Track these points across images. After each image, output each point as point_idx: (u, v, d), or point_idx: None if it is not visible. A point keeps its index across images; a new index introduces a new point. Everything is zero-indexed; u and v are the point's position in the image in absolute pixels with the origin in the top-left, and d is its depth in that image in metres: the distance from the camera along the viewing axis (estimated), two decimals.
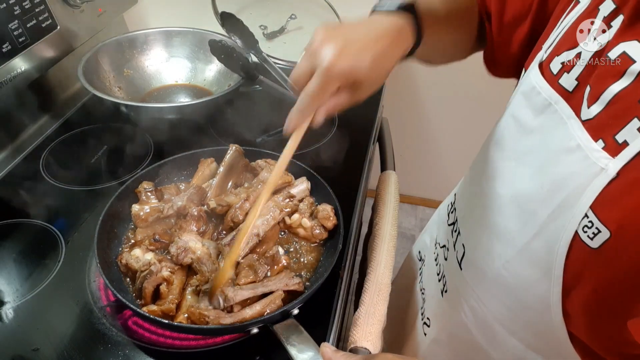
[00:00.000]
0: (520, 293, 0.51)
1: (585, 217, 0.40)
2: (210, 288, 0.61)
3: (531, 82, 0.50)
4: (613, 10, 0.42)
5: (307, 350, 0.54)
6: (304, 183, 0.77)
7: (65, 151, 0.93)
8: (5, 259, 0.72)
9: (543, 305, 0.48)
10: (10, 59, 0.84)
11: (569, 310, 0.46)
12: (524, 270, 0.50)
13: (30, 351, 0.60)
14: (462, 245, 0.63)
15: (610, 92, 0.39)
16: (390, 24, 0.52)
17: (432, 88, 1.88)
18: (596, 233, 0.39)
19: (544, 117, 0.48)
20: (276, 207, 0.72)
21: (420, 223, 2.24)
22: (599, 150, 0.40)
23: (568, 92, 0.45)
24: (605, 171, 0.39)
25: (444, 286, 0.69)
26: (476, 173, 0.65)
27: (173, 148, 0.84)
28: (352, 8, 1.37)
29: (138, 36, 1.10)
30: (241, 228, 0.62)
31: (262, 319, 0.58)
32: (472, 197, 0.64)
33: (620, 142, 0.38)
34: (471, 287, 0.60)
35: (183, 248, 0.64)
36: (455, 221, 0.68)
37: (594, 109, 0.41)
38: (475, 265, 0.60)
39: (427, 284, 0.77)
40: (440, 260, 0.72)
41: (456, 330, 0.65)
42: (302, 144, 0.65)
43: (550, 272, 0.45)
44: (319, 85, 0.48)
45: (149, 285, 0.61)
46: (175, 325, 0.58)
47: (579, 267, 0.43)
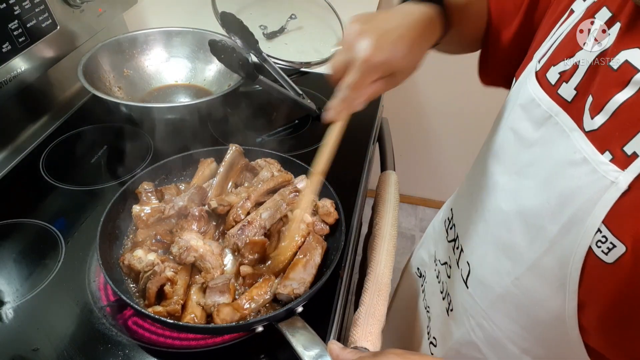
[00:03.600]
0: (533, 309, 0.50)
1: (598, 231, 0.39)
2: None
3: (530, 94, 0.49)
4: (610, 18, 0.42)
5: (314, 348, 0.54)
6: (304, 181, 0.77)
7: (65, 151, 0.93)
8: (5, 259, 0.72)
9: (558, 321, 0.47)
10: (10, 59, 0.84)
11: (584, 324, 0.45)
12: (536, 287, 0.48)
13: (30, 351, 0.60)
14: (467, 263, 0.61)
15: (615, 102, 0.38)
16: (421, 14, 0.53)
17: (432, 88, 1.88)
18: (611, 248, 0.38)
19: (545, 129, 0.47)
20: (282, 200, 0.72)
21: (420, 223, 2.24)
22: (606, 163, 0.39)
23: (567, 102, 0.44)
24: (615, 185, 0.38)
25: (449, 304, 0.67)
26: (474, 187, 0.63)
27: (173, 148, 0.84)
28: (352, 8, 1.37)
29: (138, 36, 1.10)
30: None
31: (267, 316, 0.58)
32: (472, 213, 0.62)
33: (629, 153, 0.37)
34: (479, 306, 0.58)
35: (185, 247, 0.64)
36: (456, 238, 0.66)
37: (598, 120, 0.40)
38: (483, 283, 0.58)
39: (431, 301, 0.75)
40: (442, 278, 0.70)
41: (465, 350, 0.63)
42: (302, 144, 0.66)
43: (564, 287, 0.44)
44: (359, 77, 0.50)
45: (153, 285, 0.61)
46: (182, 325, 0.58)
47: (594, 282, 0.41)
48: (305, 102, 1.02)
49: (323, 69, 1.22)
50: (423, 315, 0.79)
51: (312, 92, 1.09)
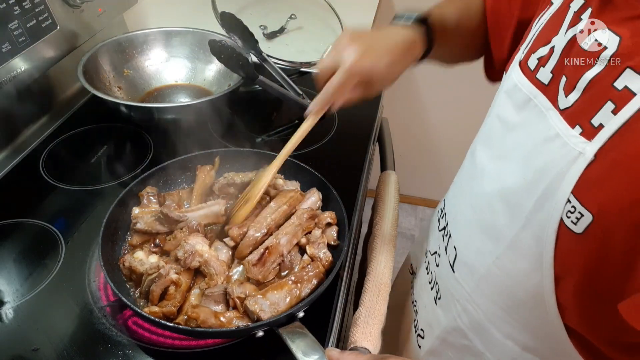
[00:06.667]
0: (513, 289, 0.52)
1: (567, 202, 0.41)
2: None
3: (513, 80, 0.52)
4: (582, 5, 0.44)
5: (313, 354, 0.54)
6: (315, 195, 0.76)
7: (65, 151, 0.93)
8: (5, 259, 0.72)
9: (536, 300, 0.48)
10: (10, 59, 0.84)
11: (561, 301, 0.46)
12: (515, 265, 0.50)
13: (30, 351, 0.60)
14: (454, 248, 0.63)
15: (585, 79, 0.41)
16: (405, 37, 0.61)
17: (432, 88, 1.88)
18: (579, 217, 0.40)
19: (526, 112, 0.49)
20: (300, 227, 0.70)
21: (420, 223, 2.24)
22: (576, 135, 0.41)
23: (544, 85, 0.47)
24: (582, 155, 0.40)
25: (437, 293, 0.68)
26: (464, 176, 0.66)
27: (173, 148, 0.84)
28: (352, 8, 1.37)
29: (138, 36, 1.10)
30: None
31: (267, 322, 0.58)
32: (460, 198, 0.65)
33: (596, 125, 0.39)
34: (464, 289, 0.60)
35: (190, 252, 0.64)
36: (445, 225, 0.68)
37: (571, 98, 0.42)
38: (467, 265, 0.60)
39: (418, 295, 0.77)
40: (431, 268, 0.72)
41: (452, 338, 0.65)
42: (302, 144, 0.67)
43: (541, 262, 0.45)
44: (342, 79, 0.58)
45: (157, 288, 0.61)
46: (182, 328, 0.58)
47: (567, 255, 0.43)
48: (305, 102, 1.02)
49: None
50: (410, 310, 0.80)
51: (312, 92, 1.09)
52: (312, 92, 1.09)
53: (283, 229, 0.70)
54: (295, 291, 0.62)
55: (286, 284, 0.63)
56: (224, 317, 0.59)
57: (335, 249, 0.71)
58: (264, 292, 0.61)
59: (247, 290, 0.62)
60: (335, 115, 1.04)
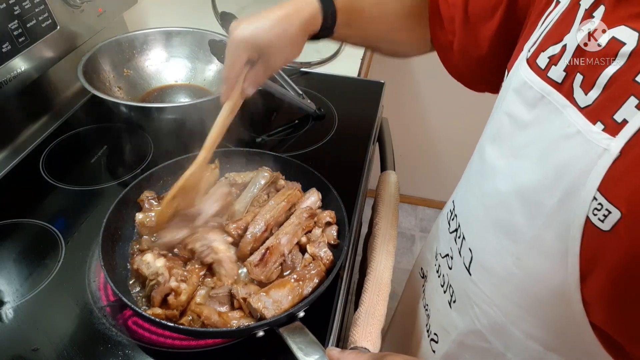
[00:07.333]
0: (535, 288, 0.50)
1: (594, 199, 0.40)
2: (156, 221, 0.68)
3: (522, 77, 0.51)
4: (593, 3, 0.44)
5: (314, 353, 0.54)
6: (315, 194, 0.76)
7: (65, 151, 0.93)
8: (5, 259, 0.72)
9: (560, 299, 0.47)
10: (10, 59, 0.84)
11: (587, 298, 0.45)
12: (537, 264, 0.49)
13: (30, 351, 0.60)
14: (469, 250, 0.62)
15: (606, 76, 0.40)
16: (300, 7, 0.60)
17: (432, 88, 1.88)
18: (606, 215, 0.39)
19: (539, 109, 0.48)
20: (299, 226, 0.70)
21: (420, 223, 2.24)
22: (599, 132, 0.40)
23: (558, 83, 0.46)
24: (607, 151, 0.39)
25: (452, 296, 0.67)
26: (473, 175, 0.64)
27: (173, 148, 0.84)
28: None
29: (138, 36, 1.10)
30: None
31: (268, 321, 0.58)
32: (470, 199, 0.63)
33: (619, 121, 0.39)
34: (482, 291, 0.59)
35: (207, 246, 0.64)
36: (457, 227, 0.66)
37: (592, 95, 0.42)
38: (485, 267, 0.58)
39: (430, 299, 0.75)
40: (443, 271, 0.70)
41: (469, 341, 0.63)
42: (303, 144, 0.66)
43: (565, 261, 0.44)
44: (230, 56, 0.57)
45: (157, 295, 0.61)
46: (182, 328, 0.58)
47: (594, 252, 0.42)
48: (305, 102, 1.02)
49: (323, 69, 1.22)
50: (422, 315, 0.79)
51: (312, 92, 1.09)
52: (312, 92, 1.09)
53: (283, 228, 0.70)
54: (297, 289, 0.62)
55: (289, 282, 0.63)
56: (227, 315, 0.59)
57: (336, 248, 0.71)
58: (267, 289, 0.62)
59: (251, 291, 0.62)
60: (336, 115, 1.04)
